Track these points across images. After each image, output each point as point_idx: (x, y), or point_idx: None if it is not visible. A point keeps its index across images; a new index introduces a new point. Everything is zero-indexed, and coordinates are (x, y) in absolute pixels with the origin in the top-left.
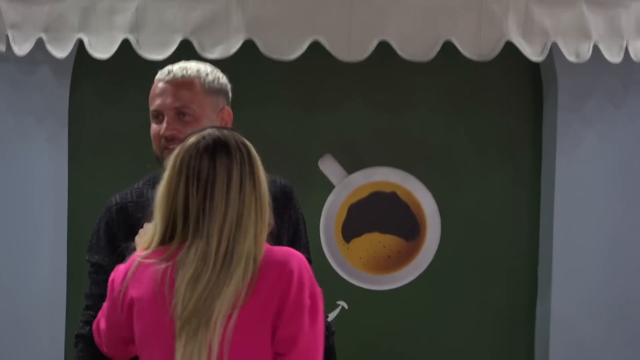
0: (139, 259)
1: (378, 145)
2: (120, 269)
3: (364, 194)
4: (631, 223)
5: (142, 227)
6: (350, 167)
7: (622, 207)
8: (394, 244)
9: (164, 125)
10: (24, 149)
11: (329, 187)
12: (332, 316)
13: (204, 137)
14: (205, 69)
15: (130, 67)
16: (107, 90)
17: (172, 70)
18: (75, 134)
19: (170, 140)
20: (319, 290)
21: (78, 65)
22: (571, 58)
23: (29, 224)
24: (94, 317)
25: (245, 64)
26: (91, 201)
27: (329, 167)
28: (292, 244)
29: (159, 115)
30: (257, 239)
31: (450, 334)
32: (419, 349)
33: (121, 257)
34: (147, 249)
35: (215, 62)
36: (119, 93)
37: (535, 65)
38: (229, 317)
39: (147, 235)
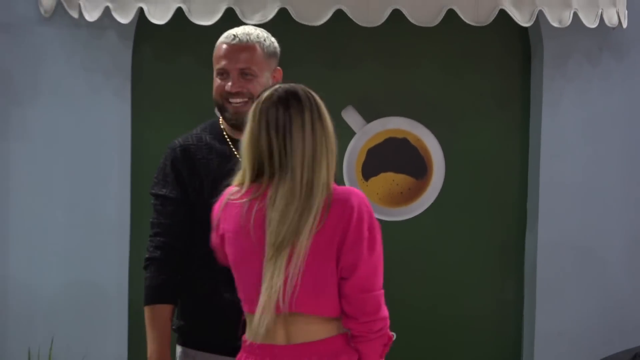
0: (226, 198)
1: (391, 98)
2: (215, 206)
3: (380, 139)
4: (603, 163)
5: (202, 166)
6: (368, 116)
7: (596, 149)
8: (406, 182)
9: (230, 83)
10: (95, 101)
11: (350, 133)
12: None
13: (276, 90)
14: (263, 34)
15: (183, 31)
16: (163, 51)
17: (237, 35)
18: (137, 88)
19: (234, 95)
20: (376, 224)
21: (139, 30)
22: (555, 24)
23: (99, 165)
24: (164, 242)
25: (279, 29)
26: (150, 145)
27: (351, 116)
28: None
29: (224, 73)
30: (329, 170)
31: (452, 258)
32: (426, 268)
33: (184, 190)
34: (239, 186)
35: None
36: (173, 53)
37: (524, 30)
38: (307, 243)
39: (238, 176)
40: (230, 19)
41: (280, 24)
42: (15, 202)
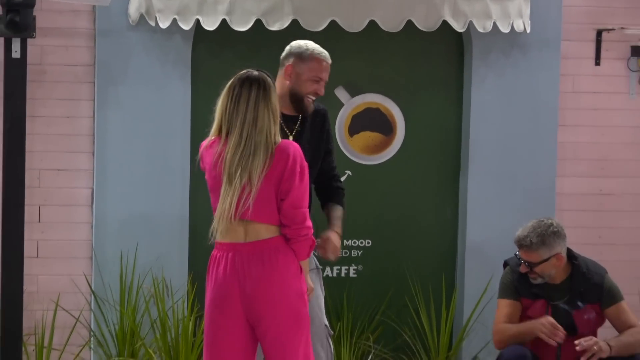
0: (206, 143)
1: (370, 80)
2: (201, 144)
3: (361, 109)
4: (514, 124)
5: None
6: (354, 93)
7: (508, 115)
8: (378, 138)
9: (321, 87)
10: (165, 84)
11: (340, 104)
12: (342, 179)
13: (244, 73)
14: None
15: (227, 35)
16: (213, 49)
17: (328, 57)
18: (194, 75)
19: (315, 95)
20: (305, 164)
21: (196, 34)
22: (480, 30)
23: (168, 129)
24: None
25: (291, 33)
26: (204, 115)
27: (340, 93)
28: (328, 144)
29: (319, 81)
30: (269, 134)
31: (408, 189)
32: (391, 196)
33: None
34: (212, 137)
35: (274, 32)
36: (220, 50)
37: (460, 34)
38: (258, 177)
39: (212, 128)
40: (260, 26)
41: (292, 30)
42: (111, 155)
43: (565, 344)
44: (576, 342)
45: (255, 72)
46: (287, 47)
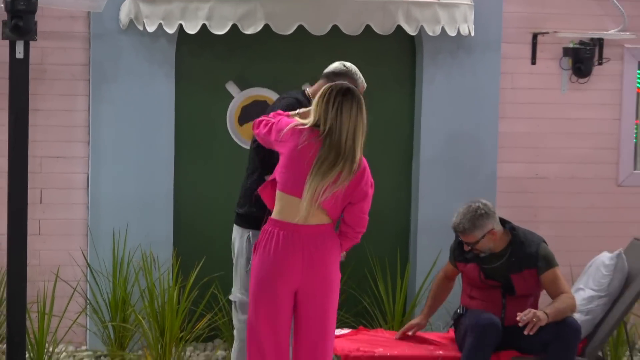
0: (294, 124)
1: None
2: (286, 120)
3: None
4: (460, 119)
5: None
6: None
7: (456, 111)
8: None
9: None
10: (152, 81)
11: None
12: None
13: (343, 84)
14: None
15: (206, 38)
16: (195, 50)
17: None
18: (178, 73)
19: None
20: (372, 181)
21: (180, 37)
22: (430, 33)
23: (155, 120)
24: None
25: (265, 37)
26: (186, 108)
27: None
28: None
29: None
30: (360, 147)
31: None
32: None
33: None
34: (303, 125)
35: (248, 35)
36: (200, 52)
37: (412, 37)
38: (335, 180)
39: (306, 120)
40: (235, 30)
41: (265, 33)
42: (104, 143)
43: (509, 303)
44: (518, 317)
45: (353, 87)
46: (340, 67)
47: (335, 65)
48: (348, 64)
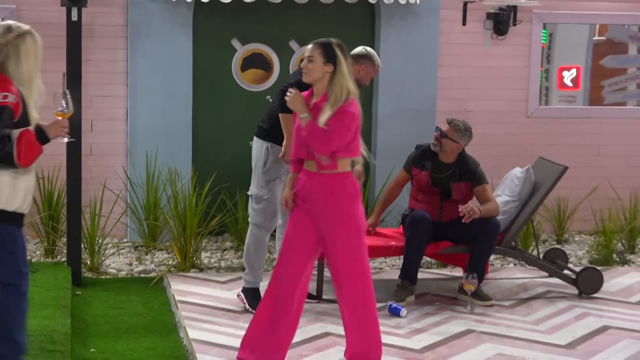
0: (355, 107)
1: (310, 36)
2: (351, 111)
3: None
4: (410, 67)
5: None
6: (301, 44)
7: (406, 62)
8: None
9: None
10: (175, 40)
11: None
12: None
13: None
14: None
15: (215, 5)
16: (207, 14)
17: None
18: (195, 31)
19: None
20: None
21: (196, 4)
22: (386, 1)
23: (177, 71)
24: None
25: (258, 4)
26: (203, 65)
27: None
28: None
29: (373, 79)
30: None
31: None
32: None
33: None
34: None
35: (248, 3)
36: (211, 15)
37: (372, 5)
38: None
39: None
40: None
41: (260, 1)
42: (139, 85)
43: (445, 206)
44: (459, 209)
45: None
46: (363, 50)
47: (359, 50)
48: (368, 48)
